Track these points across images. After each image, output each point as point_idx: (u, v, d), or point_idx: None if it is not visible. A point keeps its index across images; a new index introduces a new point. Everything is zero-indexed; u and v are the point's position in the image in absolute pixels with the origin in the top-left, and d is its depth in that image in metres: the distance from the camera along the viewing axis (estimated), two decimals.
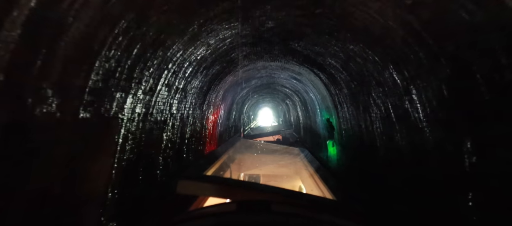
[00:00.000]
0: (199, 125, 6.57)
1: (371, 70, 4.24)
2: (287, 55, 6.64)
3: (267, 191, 2.22)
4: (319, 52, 5.45)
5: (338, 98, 6.59)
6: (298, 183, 7.10)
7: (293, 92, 11.60)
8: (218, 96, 7.98)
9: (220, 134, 9.64)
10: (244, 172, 7.66)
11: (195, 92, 5.71)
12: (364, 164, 5.28)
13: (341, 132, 6.90)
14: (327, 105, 8.04)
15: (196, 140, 6.42)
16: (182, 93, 4.88)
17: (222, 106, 9.14)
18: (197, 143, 6.51)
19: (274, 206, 1.80)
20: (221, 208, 1.88)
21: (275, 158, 8.59)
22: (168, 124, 4.46)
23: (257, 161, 8.33)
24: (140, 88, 3.18)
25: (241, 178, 7.36)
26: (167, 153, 4.52)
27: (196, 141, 6.37)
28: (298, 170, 7.34)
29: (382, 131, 4.41)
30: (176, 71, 4.16)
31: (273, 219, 1.63)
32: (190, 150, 5.94)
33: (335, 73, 5.86)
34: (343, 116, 6.53)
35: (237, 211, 1.76)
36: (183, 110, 5.20)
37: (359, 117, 5.47)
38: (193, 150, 6.17)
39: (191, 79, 5.07)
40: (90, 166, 2.36)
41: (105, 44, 2.24)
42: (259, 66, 8.11)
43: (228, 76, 7.50)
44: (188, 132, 5.67)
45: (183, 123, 5.27)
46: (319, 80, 7.43)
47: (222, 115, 9.34)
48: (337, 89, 6.42)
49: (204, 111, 6.90)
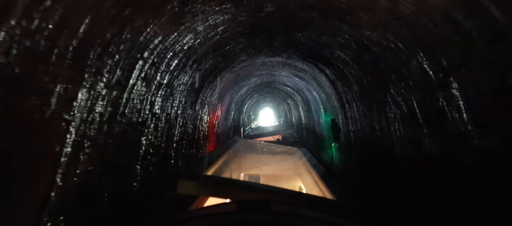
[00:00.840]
0: (191, 126, 5.81)
1: (390, 61, 3.47)
2: (289, 49, 5.87)
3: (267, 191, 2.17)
4: (326, 43, 4.67)
5: (346, 97, 5.81)
6: (298, 183, 6.80)
7: (295, 91, 10.83)
8: (214, 95, 7.22)
9: (218, 135, 8.88)
10: (244, 172, 7.39)
11: (185, 89, 4.95)
12: (377, 173, 4.50)
13: (349, 134, 6.12)
14: (333, 105, 7.26)
15: (188, 143, 5.66)
16: (167, 90, 4.12)
17: (219, 106, 8.38)
18: (189, 146, 5.75)
19: (274, 206, 1.76)
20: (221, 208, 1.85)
21: (275, 158, 8.35)
22: (149, 126, 3.70)
23: (257, 161, 8.08)
24: (101, 81, 2.41)
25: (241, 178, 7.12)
26: (149, 160, 3.77)
27: (187, 144, 5.61)
28: (298, 170, 7.10)
29: (403, 134, 3.63)
30: (156, 62, 3.40)
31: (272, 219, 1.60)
32: (180, 154, 5.18)
33: (344, 67, 5.08)
34: (352, 116, 5.75)
35: (237, 211, 1.73)
36: (170, 110, 4.44)
37: (371, 117, 4.69)
38: (184, 155, 5.41)
39: (178, 74, 4.31)
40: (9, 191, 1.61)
41: (17, 11, 1.48)
42: (258, 62, 7.34)
43: (224, 73, 6.74)
44: (177, 134, 4.91)
45: (170, 124, 4.51)
46: (324, 77, 6.65)
47: (219, 115, 8.58)
48: (345, 86, 5.64)
49: (197, 111, 6.14)
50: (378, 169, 4.48)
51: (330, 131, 7.98)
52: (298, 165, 7.38)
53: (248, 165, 7.82)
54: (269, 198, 2.09)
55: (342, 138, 6.79)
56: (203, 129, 6.96)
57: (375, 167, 4.65)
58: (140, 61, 3.00)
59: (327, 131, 8.37)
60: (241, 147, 10.09)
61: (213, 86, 6.76)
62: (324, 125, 8.59)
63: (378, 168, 4.48)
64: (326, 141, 8.54)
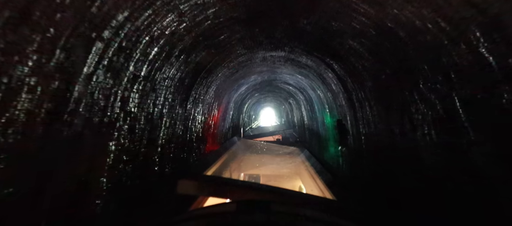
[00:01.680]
0: (181, 127, 5.03)
1: (423, 47, 2.68)
2: (293, 40, 5.08)
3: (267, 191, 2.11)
4: (337, 31, 3.88)
5: (357, 95, 5.01)
6: (298, 183, 6.59)
7: (297, 90, 10.03)
8: (209, 93, 6.44)
9: (215, 136, 8.11)
10: (244, 172, 7.21)
11: (172, 85, 4.17)
12: (396, 186, 3.70)
13: (359, 138, 5.32)
14: (339, 105, 6.46)
15: (177, 146, 4.89)
16: (146, 85, 3.35)
17: (216, 105, 7.60)
18: (179, 149, 4.98)
19: (273, 206, 1.75)
20: (221, 208, 1.83)
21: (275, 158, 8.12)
22: (120, 128, 2.93)
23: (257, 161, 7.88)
24: (24, 64, 1.64)
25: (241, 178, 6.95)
26: (121, 170, 3.00)
27: (176, 147, 4.83)
28: (298, 170, 6.89)
29: (436, 140, 2.84)
30: (126, 48, 2.63)
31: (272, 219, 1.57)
32: (167, 160, 4.41)
33: (357, 61, 4.28)
34: (364, 118, 4.95)
35: (237, 211, 1.71)
36: (152, 109, 3.67)
37: (390, 119, 3.89)
38: (172, 159, 4.63)
39: (162, 65, 3.54)
40: None
41: None
42: (258, 58, 6.56)
43: (220, 69, 5.96)
44: (162, 137, 4.14)
45: (152, 125, 3.74)
46: (331, 73, 5.85)
47: (216, 115, 7.80)
48: (356, 83, 4.84)
49: (189, 111, 5.36)
50: (398, 181, 3.69)
51: (336, 133, 7.18)
52: (298, 165, 7.11)
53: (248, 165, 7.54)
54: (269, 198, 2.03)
55: (350, 141, 5.99)
56: (197, 130, 6.18)
57: (393, 178, 3.86)
58: (98, 43, 2.22)
59: (332, 133, 7.58)
60: (240, 148, 9.44)
61: (208, 83, 5.98)
62: (329, 126, 7.79)
63: (399, 180, 3.69)
64: (331, 144, 7.74)
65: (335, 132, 7.38)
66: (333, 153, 7.64)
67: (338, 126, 6.94)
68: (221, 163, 6.72)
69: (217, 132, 8.46)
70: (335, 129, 7.33)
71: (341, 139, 6.77)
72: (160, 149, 4.11)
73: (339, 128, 6.80)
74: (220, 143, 8.99)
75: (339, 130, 6.87)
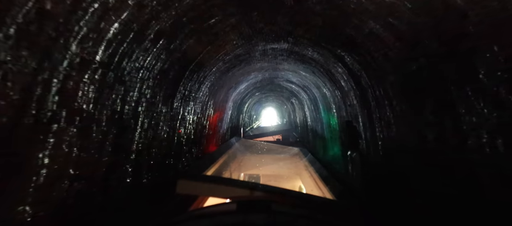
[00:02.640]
0: (166, 129, 4.16)
1: (487, 23, 1.79)
2: (298, 28, 4.18)
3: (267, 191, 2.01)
4: (355, 8, 2.97)
5: (374, 92, 4.10)
6: (298, 183, 6.43)
7: (300, 88, 9.13)
8: (202, 90, 5.57)
9: (210, 138, 7.24)
10: (244, 172, 7.04)
11: (150, 77, 3.30)
12: (432, 209, 2.79)
13: (375, 143, 4.41)
14: (350, 104, 5.55)
15: (161, 151, 4.02)
16: (107, 74, 2.48)
17: (211, 103, 6.73)
18: (163, 155, 4.11)
19: (274, 206, 1.68)
20: (221, 208, 1.78)
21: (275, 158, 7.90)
22: (58, 131, 2.06)
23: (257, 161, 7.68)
24: None
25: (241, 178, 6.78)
26: (64, 190, 2.13)
27: (160, 152, 3.97)
28: (298, 170, 6.68)
29: (503, 152, 1.95)
30: (56, 15, 1.75)
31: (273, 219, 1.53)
32: (145, 169, 3.54)
33: (377, 49, 3.38)
34: (382, 119, 4.05)
35: (237, 211, 1.66)
36: (119, 106, 2.79)
37: (420, 121, 2.99)
38: (153, 168, 3.76)
39: (130, 50, 2.67)
40: None
41: None
42: (257, 51, 5.68)
43: (214, 61, 5.08)
44: (137, 141, 3.27)
45: (120, 127, 2.87)
46: (342, 68, 4.95)
47: (211, 114, 6.93)
48: (374, 77, 3.94)
49: (176, 109, 4.49)
50: (431, 205, 2.78)
51: (344, 136, 6.28)
52: (298, 165, 6.86)
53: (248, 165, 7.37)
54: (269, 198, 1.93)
55: (363, 146, 5.08)
56: (188, 131, 5.31)
57: (424, 198, 2.95)
58: None
59: (340, 136, 6.67)
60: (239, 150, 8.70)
61: (200, 78, 5.11)
62: (336, 128, 6.88)
63: (432, 204, 2.78)
64: (338, 148, 6.83)
65: (342, 135, 6.47)
66: (339, 158, 6.74)
67: (347, 128, 6.03)
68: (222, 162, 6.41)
69: (213, 133, 7.58)
70: (343, 131, 6.42)
71: (350, 143, 5.86)
72: (134, 155, 3.23)
73: (348, 131, 5.89)
74: (217, 145, 8.12)
75: (348, 133, 5.96)
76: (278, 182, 6.80)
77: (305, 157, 7.30)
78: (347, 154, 5.95)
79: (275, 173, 7.15)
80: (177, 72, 4.04)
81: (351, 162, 5.81)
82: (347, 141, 6.17)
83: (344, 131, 6.44)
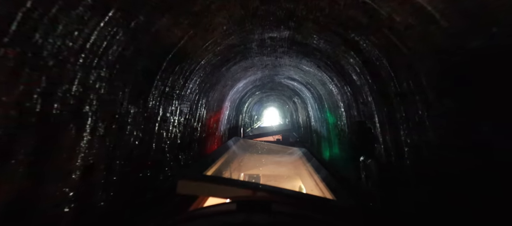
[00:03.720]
0: (137, 134, 3.23)
1: None
2: (300, 4, 3.21)
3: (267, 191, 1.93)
4: None
5: (400, 85, 3.11)
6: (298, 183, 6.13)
7: (303, 86, 8.15)
8: (188, 87, 4.64)
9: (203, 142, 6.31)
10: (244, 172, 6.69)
11: (102, 64, 2.37)
12: None
13: (398, 149, 3.43)
14: (363, 101, 4.57)
15: (131, 164, 3.09)
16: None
17: (203, 102, 5.80)
18: (133, 168, 3.18)
19: (274, 206, 1.61)
20: (221, 208, 1.72)
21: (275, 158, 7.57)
22: None
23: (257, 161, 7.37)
24: None
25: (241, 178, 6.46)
26: None
27: (127, 165, 3.03)
28: (298, 170, 6.42)
29: None
30: None
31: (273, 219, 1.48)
32: (104, 189, 2.60)
33: (410, 26, 2.41)
34: (410, 119, 3.05)
35: (237, 211, 1.60)
36: (38, 102, 1.86)
37: (478, 124, 2.02)
38: (119, 184, 2.83)
39: (47, 13, 1.72)
40: None
41: None
42: (254, 40, 4.74)
43: (201, 52, 4.15)
44: (85, 154, 2.33)
45: (44, 135, 1.93)
46: (354, 58, 3.98)
47: (203, 115, 5.99)
48: (400, 65, 2.96)
49: (151, 109, 3.56)
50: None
51: (356, 139, 5.30)
52: (298, 164, 6.54)
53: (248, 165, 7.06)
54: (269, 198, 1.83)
55: (380, 152, 4.10)
56: (172, 135, 4.38)
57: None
58: None
59: (349, 139, 5.69)
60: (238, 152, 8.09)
61: (185, 71, 4.18)
62: (346, 129, 5.90)
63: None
64: (347, 152, 5.85)
65: (353, 137, 5.48)
66: (348, 163, 5.76)
67: (359, 129, 5.05)
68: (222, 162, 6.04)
69: (207, 136, 6.65)
70: (353, 133, 5.44)
71: (363, 146, 4.88)
72: (79, 172, 2.30)
73: (361, 133, 4.91)
74: (212, 149, 7.19)
75: (360, 135, 4.98)
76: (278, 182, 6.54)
77: (305, 157, 6.93)
78: (360, 159, 4.97)
79: (275, 173, 6.86)
80: (150, 61, 3.11)
81: (364, 168, 4.83)
82: (359, 144, 5.19)
83: (355, 133, 5.46)
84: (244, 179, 6.67)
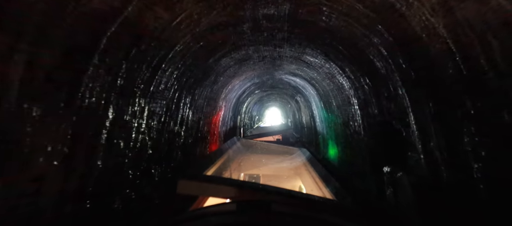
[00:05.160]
0: (61, 149, 2.03)
1: None
2: None
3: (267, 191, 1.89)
4: None
5: (466, 64, 1.90)
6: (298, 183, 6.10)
7: (306, 81, 6.90)
8: (161, 81, 3.44)
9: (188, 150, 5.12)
10: (244, 172, 6.66)
11: None
12: None
13: (456, 159, 2.18)
14: (389, 95, 3.32)
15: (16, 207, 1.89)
16: None
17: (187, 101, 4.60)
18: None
19: (274, 206, 1.56)
20: (221, 208, 1.66)
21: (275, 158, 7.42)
22: None
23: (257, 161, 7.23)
24: None
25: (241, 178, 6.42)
26: None
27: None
28: (298, 170, 6.29)
29: None
30: None
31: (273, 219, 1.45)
32: None
33: None
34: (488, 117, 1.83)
35: (237, 211, 1.55)
36: None
37: None
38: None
39: None
40: None
41: None
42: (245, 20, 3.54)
43: (169, 32, 2.95)
44: None
45: None
46: (383, 34, 2.75)
47: (187, 116, 4.80)
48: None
49: (89, 110, 2.36)
50: None
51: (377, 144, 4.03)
52: (298, 164, 6.45)
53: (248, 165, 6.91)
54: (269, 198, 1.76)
55: (421, 162, 2.85)
56: (138, 145, 3.19)
57: None
58: None
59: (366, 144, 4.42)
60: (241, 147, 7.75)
61: (146, 57, 2.98)
62: (361, 131, 4.64)
63: None
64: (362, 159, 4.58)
65: (372, 142, 4.22)
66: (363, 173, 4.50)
67: (382, 132, 3.79)
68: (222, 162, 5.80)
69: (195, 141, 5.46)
70: (373, 137, 4.18)
71: (388, 155, 3.63)
72: None
73: (386, 137, 3.65)
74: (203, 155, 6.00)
75: (385, 140, 3.72)
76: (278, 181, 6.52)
77: (305, 157, 6.75)
78: (383, 170, 3.73)
79: (275, 173, 6.81)
80: (73, 32, 1.92)
81: (391, 183, 3.58)
82: (381, 150, 3.95)
83: (374, 136, 4.20)
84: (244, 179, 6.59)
